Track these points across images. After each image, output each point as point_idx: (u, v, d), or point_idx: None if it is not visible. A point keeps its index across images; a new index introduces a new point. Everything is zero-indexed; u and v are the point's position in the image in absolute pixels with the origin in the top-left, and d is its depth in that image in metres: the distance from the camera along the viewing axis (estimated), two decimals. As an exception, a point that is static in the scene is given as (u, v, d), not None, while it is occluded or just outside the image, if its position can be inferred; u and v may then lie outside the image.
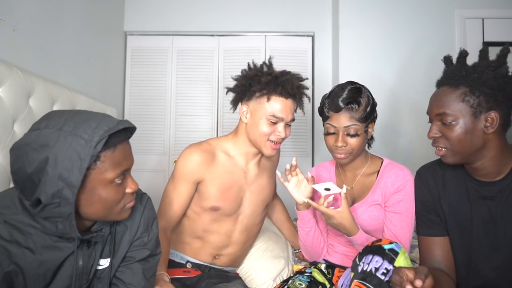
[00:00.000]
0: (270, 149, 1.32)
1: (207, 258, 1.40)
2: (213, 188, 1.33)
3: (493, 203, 1.04)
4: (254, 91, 1.30)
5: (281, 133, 1.31)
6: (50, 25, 1.86)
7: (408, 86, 2.63)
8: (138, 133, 3.43)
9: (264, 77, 1.30)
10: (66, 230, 0.82)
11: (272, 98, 1.28)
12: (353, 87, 1.22)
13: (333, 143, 1.24)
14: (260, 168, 1.45)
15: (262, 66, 1.36)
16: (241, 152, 1.39)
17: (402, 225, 1.21)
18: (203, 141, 1.40)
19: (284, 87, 1.28)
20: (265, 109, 1.29)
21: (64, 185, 0.77)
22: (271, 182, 1.51)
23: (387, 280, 0.94)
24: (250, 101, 1.33)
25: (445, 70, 1.09)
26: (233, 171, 1.38)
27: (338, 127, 1.22)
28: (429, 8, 2.64)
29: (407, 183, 1.23)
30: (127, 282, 0.97)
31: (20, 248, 0.83)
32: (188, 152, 1.34)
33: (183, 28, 2.98)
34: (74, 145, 0.77)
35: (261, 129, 1.30)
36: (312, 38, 2.99)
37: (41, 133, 0.78)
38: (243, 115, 1.36)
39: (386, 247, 0.99)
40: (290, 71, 1.36)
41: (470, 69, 1.02)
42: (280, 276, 1.51)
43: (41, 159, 0.77)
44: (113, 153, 0.83)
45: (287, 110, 1.29)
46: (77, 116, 0.82)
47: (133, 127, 0.90)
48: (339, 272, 1.33)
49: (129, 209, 0.93)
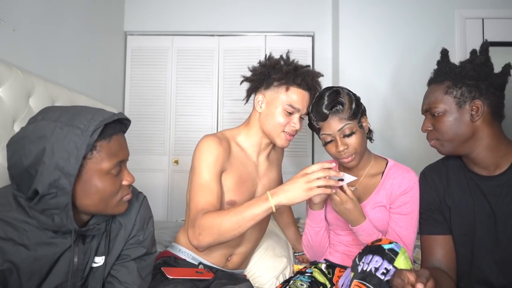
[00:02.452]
0: (284, 140, 1.30)
1: (220, 260, 1.35)
2: (231, 180, 1.29)
3: (493, 197, 1.06)
4: (274, 79, 1.29)
5: (296, 124, 1.29)
6: (50, 25, 1.86)
7: (408, 86, 2.62)
8: (138, 133, 3.44)
9: (284, 67, 1.29)
10: (63, 222, 0.83)
11: (291, 88, 1.28)
12: (330, 91, 1.24)
13: (335, 150, 1.23)
14: (269, 162, 1.43)
15: (280, 59, 1.35)
16: (253, 144, 1.37)
17: (408, 226, 1.20)
18: (216, 133, 1.36)
19: (304, 79, 1.28)
20: (283, 99, 1.28)
21: (61, 174, 0.78)
22: (279, 176, 1.50)
23: (387, 280, 0.94)
24: (268, 90, 1.31)
25: (433, 71, 1.19)
26: (247, 164, 1.35)
27: (333, 133, 1.22)
28: (429, 8, 2.64)
29: (414, 185, 1.22)
30: (122, 281, 0.97)
31: (15, 245, 0.83)
32: (208, 142, 1.25)
33: (183, 28, 2.98)
34: (71, 135, 0.78)
35: (276, 119, 1.28)
36: (312, 38, 2.99)
37: (38, 125, 0.80)
38: (258, 104, 1.33)
39: (385, 247, 0.99)
40: (311, 69, 1.36)
41: (453, 65, 1.13)
42: (282, 275, 1.52)
43: (38, 150, 0.77)
44: (109, 143, 0.84)
45: (304, 102, 1.29)
46: (72, 109, 0.84)
47: (128, 120, 0.91)
48: (339, 272, 1.33)
49: (126, 203, 0.93)
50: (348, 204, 1.15)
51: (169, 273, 1.23)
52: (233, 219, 1.09)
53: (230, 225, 1.09)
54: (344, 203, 1.16)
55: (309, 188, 1.06)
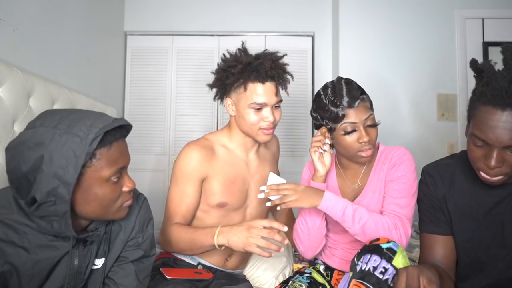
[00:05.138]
0: (264, 136, 1.31)
1: (219, 260, 1.36)
2: (217, 183, 1.31)
3: (502, 206, 1.04)
4: (230, 83, 1.28)
5: (268, 118, 1.27)
6: (50, 25, 1.86)
7: (408, 86, 2.63)
8: (138, 133, 3.43)
9: (234, 68, 1.27)
10: (61, 229, 0.82)
11: (249, 86, 1.26)
12: (347, 79, 1.20)
13: (358, 140, 1.15)
14: (260, 158, 1.43)
15: (236, 54, 1.32)
16: (238, 144, 1.38)
17: (404, 202, 1.14)
18: (199, 138, 1.38)
19: (257, 71, 1.24)
20: (246, 99, 1.26)
21: (60, 183, 0.77)
22: (275, 171, 1.48)
23: (385, 278, 0.94)
24: (231, 93, 1.31)
25: (503, 87, 0.90)
26: (235, 164, 1.36)
27: (358, 122, 1.14)
28: (429, 8, 2.64)
29: (403, 156, 1.20)
30: (118, 283, 0.96)
31: (15, 247, 0.82)
32: (188, 150, 1.31)
33: (183, 28, 2.98)
34: (69, 143, 0.77)
35: (248, 119, 1.28)
36: (312, 38, 2.99)
37: (36, 131, 0.78)
38: (229, 108, 1.34)
39: (384, 246, 0.99)
40: (267, 52, 1.32)
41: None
42: (282, 274, 1.52)
43: (36, 157, 0.76)
44: (109, 150, 0.83)
45: (267, 94, 1.26)
46: (72, 114, 0.82)
47: (129, 125, 0.90)
48: (337, 275, 1.32)
49: (127, 208, 0.93)
50: (293, 195, 1.12)
51: (168, 273, 1.23)
52: (187, 242, 1.22)
53: (185, 246, 1.24)
54: (290, 196, 1.12)
55: (247, 244, 1.10)
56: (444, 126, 2.63)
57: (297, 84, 2.96)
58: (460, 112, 2.63)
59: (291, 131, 2.93)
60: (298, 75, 2.96)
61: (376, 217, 1.11)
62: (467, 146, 1.02)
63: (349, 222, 1.11)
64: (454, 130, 2.64)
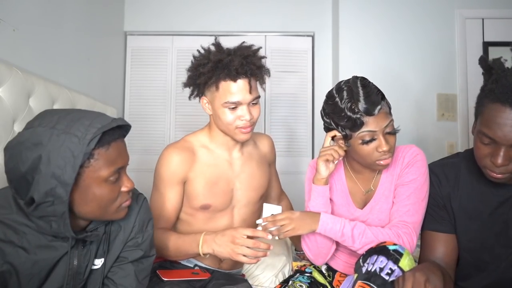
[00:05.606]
0: (242, 135, 1.25)
1: (214, 262, 1.35)
2: (199, 185, 1.28)
3: (506, 205, 1.04)
4: (202, 83, 1.22)
5: (244, 117, 1.21)
6: (50, 25, 1.86)
7: (408, 86, 2.63)
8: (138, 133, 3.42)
9: (204, 67, 1.21)
10: (60, 229, 0.82)
11: (221, 84, 1.19)
12: (364, 80, 1.09)
13: (377, 149, 1.06)
14: (245, 157, 1.38)
15: (208, 51, 1.26)
16: (219, 143, 1.33)
17: (412, 208, 1.09)
18: (179, 140, 1.35)
19: (228, 69, 1.17)
20: (219, 98, 1.21)
21: (57, 183, 0.77)
22: (263, 171, 1.42)
23: (391, 280, 0.93)
24: (205, 92, 1.26)
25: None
26: (217, 164, 1.32)
27: (377, 130, 1.05)
28: (429, 8, 2.64)
29: (416, 156, 1.14)
30: (118, 283, 0.96)
31: (14, 247, 0.82)
32: (167, 154, 1.28)
33: (183, 28, 2.98)
34: (67, 143, 0.77)
35: (224, 119, 1.22)
36: (312, 38, 2.99)
37: (34, 131, 0.78)
38: (205, 107, 1.29)
39: (390, 248, 0.98)
40: (241, 46, 1.26)
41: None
42: (282, 273, 1.52)
43: (34, 157, 0.76)
44: (107, 150, 0.83)
45: (241, 92, 1.19)
46: (70, 114, 0.82)
47: (128, 125, 0.90)
48: (340, 277, 1.31)
49: (126, 208, 0.92)
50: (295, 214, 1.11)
51: (164, 275, 1.23)
52: (172, 250, 1.22)
53: (171, 253, 1.23)
54: (288, 226, 1.10)
55: (233, 254, 1.10)
56: (444, 126, 2.63)
57: (297, 84, 2.96)
58: (460, 112, 2.63)
59: (291, 131, 2.93)
60: (298, 75, 2.98)
61: (376, 231, 1.09)
62: (473, 144, 1.01)
63: (349, 241, 1.10)
64: (454, 130, 2.64)
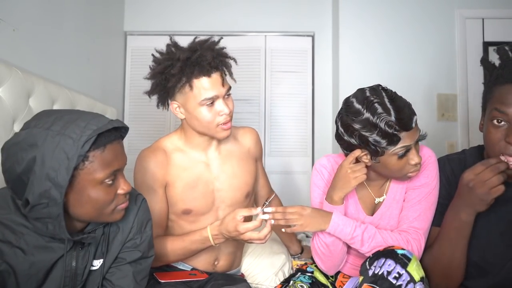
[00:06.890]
0: (223, 132, 1.22)
1: (207, 266, 1.34)
2: (177, 190, 1.25)
3: (510, 204, 1.03)
4: (173, 86, 1.18)
5: (223, 110, 1.18)
6: (50, 25, 1.86)
7: (408, 86, 2.62)
8: (138, 133, 3.41)
9: (172, 68, 1.16)
10: (56, 231, 0.82)
11: (194, 83, 1.16)
12: (390, 92, 1.04)
13: (411, 162, 1.03)
14: (223, 156, 1.33)
15: (168, 52, 1.23)
16: (194, 145, 1.28)
17: (422, 213, 1.08)
18: (152, 144, 1.31)
19: (200, 65, 1.15)
20: (194, 98, 1.16)
21: (52, 185, 0.76)
22: (245, 168, 1.37)
23: (398, 284, 0.92)
24: (175, 96, 1.21)
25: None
26: (193, 167, 1.28)
27: (410, 144, 1.01)
28: (429, 8, 2.64)
29: (429, 159, 1.11)
30: (116, 284, 0.96)
31: (12, 247, 0.82)
32: (142, 159, 1.24)
33: (183, 28, 2.98)
34: (62, 145, 0.76)
35: (202, 118, 1.18)
36: (312, 38, 2.99)
37: (30, 132, 0.78)
38: (176, 112, 1.23)
39: (399, 252, 0.97)
40: (201, 40, 1.24)
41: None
42: (281, 271, 1.51)
43: (29, 158, 0.76)
44: (103, 153, 0.82)
45: (216, 86, 1.17)
46: (67, 115, 0.82)
47: (125, 126, 0.88)
48: (343, 277, 1.29)
49: (122, 211, 0.91)
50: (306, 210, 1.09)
51: (161, 277, 1.22)
52: (179, 253, 1.22)
53: (171, 258, 1.23)
54: (304, 209, 1.08)
55: (242, 239, 1.13)
56: (444, 126, 2.63)
57: (297, 84, 2.96)
58: (460, 112, 2.63)
59: (291, 131, 2.93)
60: (298, 75, 2.98)
61: (386, 236, 1.08)
62: (484, 134, 1.01)
63: (358, 244, 1.08)
64: (454, 130, 2.64)
